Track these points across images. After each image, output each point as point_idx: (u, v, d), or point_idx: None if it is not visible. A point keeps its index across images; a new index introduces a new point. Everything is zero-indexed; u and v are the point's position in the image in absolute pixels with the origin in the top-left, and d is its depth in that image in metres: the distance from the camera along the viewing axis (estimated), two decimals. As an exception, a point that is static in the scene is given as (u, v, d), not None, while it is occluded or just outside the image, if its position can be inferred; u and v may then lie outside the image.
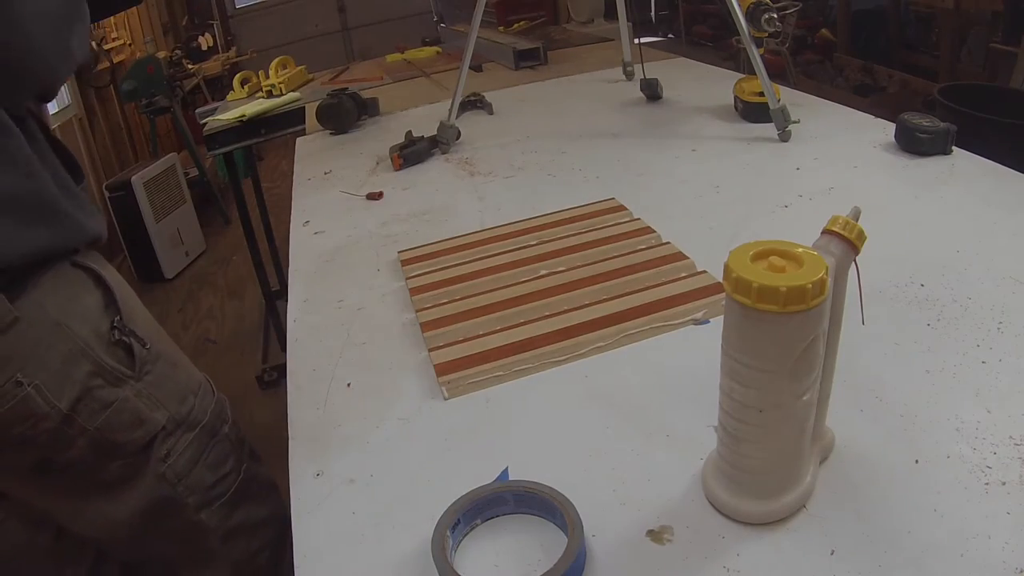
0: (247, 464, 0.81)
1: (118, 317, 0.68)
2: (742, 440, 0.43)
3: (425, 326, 0.69)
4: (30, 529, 0.77)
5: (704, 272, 0.72)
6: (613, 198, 0.92)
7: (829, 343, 0.43)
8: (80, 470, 0.68)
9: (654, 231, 0.82)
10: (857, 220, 0.42)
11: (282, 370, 1.02)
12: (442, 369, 0.62)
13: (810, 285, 0.37)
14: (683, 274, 0.72)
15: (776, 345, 0.39)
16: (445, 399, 0.60)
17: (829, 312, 0.41)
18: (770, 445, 0.43)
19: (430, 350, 0.65)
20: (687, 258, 0.75)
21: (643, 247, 0.79)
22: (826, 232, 0.42)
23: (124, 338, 0.68)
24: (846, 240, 0.41)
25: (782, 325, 0.38)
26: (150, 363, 0.71)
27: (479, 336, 0.66)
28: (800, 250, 0.40)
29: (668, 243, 0.79)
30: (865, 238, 0.42)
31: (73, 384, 0.65)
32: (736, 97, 1.19)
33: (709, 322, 0.65)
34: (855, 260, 0.42)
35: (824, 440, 0.48)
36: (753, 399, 0.41)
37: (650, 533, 0.45)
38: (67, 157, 0.71)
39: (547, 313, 0.68)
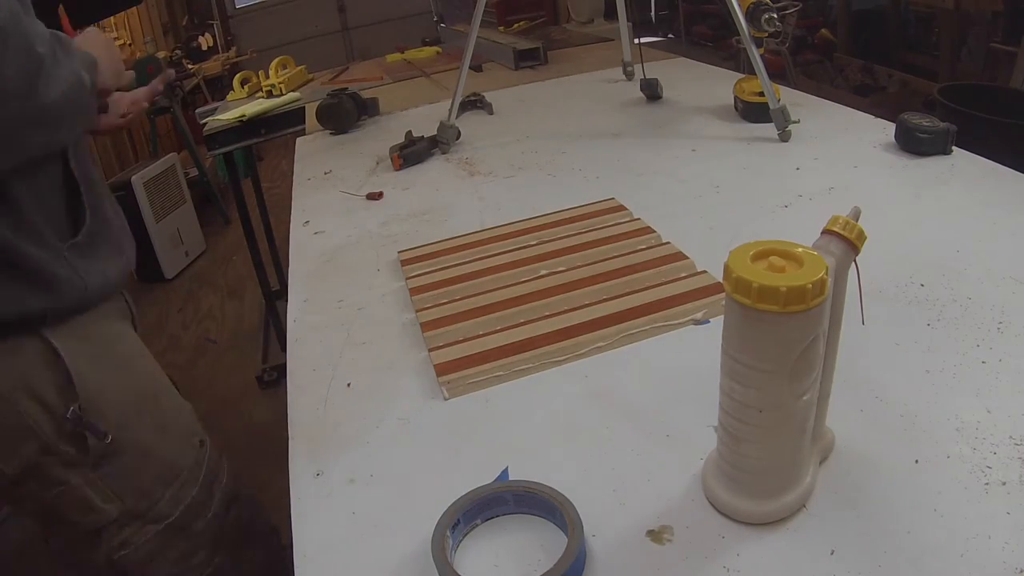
0: (220, 559, 0.75)
1: (76, 405, 0.63)
2: (742, 440, 0.43)
3: (425, 326, 0.69)
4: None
5: (704, 272, 0.72)
6: (613, 198, 0.92)
7: (829, 343, 0.43)
8: (35, 530, 0.66)
9: (654, 231, 0.82)
10: (857, 220, 0.42)
11: (282, 370, 1.02)
12: (442, 369, 0.62)
13: (810, 285, 0.37)
14: (683, 274, 0.72)
15: (776, 345, 0.39)
16: (445, 399, 0.60)
17: (829, 312, 0.41)
18: (770, 445, 0.43)
19: (430, 350, 0.65)
20: (687, 258, 0.75)
21: (643, 247, 0.79)
22: (826, 232, 0.42)
23: (78, 429, 0.63)
24: (846, 240, 0.41)
25: (782, 325, 0.38)
26: (109, 456, 0.66)
27: (479, 336, 0.66)
28: (800, 250, 0.40)
29: (668, 243, 0.79)
30: (865, 238, 0.42)
31: (20, 457, 0.64)
32: (736, 97, 1.18)
33: (709, 322, 0.65)
34: (855, 260, 0.42)
35: (824, 440, 0.48)
36: (753, 399, 0.41)
37: (650, 533, 0.45)
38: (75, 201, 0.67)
39: (547, 313, 0.68)
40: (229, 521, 0.76)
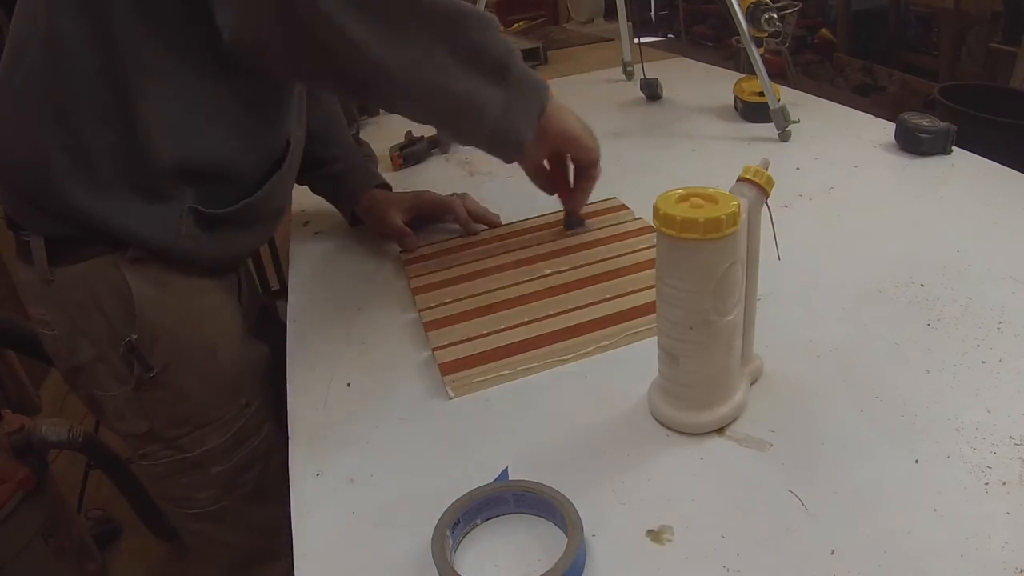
0: (227, 503, 0.78)
1: (133, 336, 0.67)
2: (678, 356, 0.50)
3: (428, 325, 0.69)
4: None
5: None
6: (615, 197, 0.92)
7: (749, 276, 0.50)
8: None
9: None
10: (767, 169, 0.50)
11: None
12: (447, 368, 0.62)
13: (724, 216, 0.44)
14: (683, 274, 0.72)
15: (700, 269, 0.46)
16: (450, 398, 0.60)
17: (745, 243, 0.48)
18: (702, 360, 0.50)
19: (434, 349, 0.65)
20: (687, 258, 0.75)
21: (645, 246, 0.79)
22: (740, 180, 0.50)
23: (129, 356, 0.68)
24: (756, 185, 0.49)
25: (703, 251, 0.45)
26: (150, 385, 0.70)
27: (482, 335, 0.66)
28: (716, 192, 0.47)
29: (668, 243, 0.79)
30: (773, 183, 0.49)
31: (79, 354, 0.69)
32: (736, 97, 1.19)
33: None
34: (767, 202, 0.49)
35: (752, 365, 0.56)
36: (684, 318, 0.48)
37: (650, 533, 0.45)
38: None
39: (550, 312, 0.68)
40: (247, 477, 0.78)
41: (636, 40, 1.44)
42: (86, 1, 0.58)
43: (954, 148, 0.93)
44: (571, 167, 0.80)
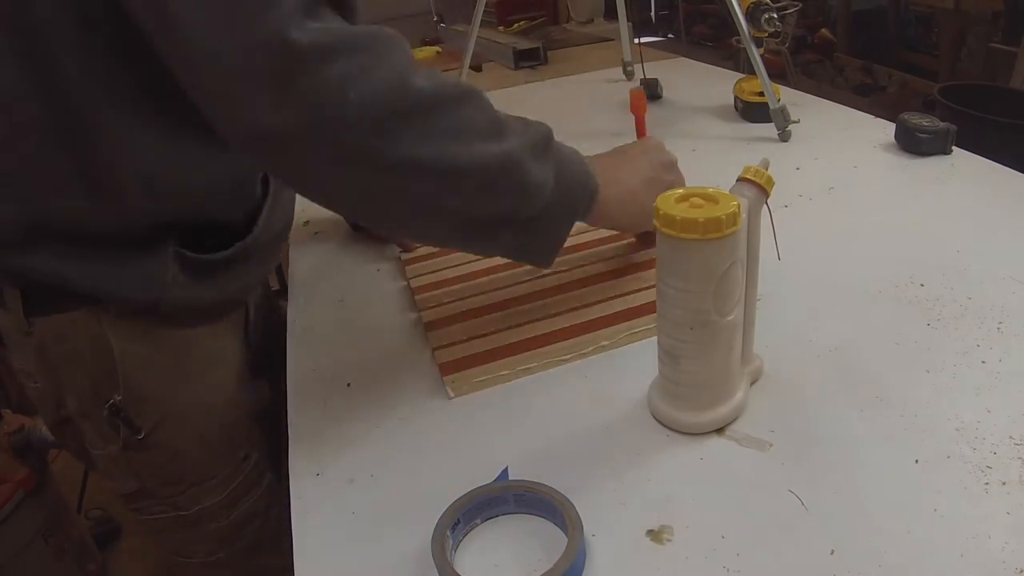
0: (225, 555, 0.75)
1: (117, 398, 0.62)
2: (679, 356, 0.50)
3: (428, 325, 0.69)
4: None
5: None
6: (613, 198, 0.92)
7: (749, 276, 0.50)
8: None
9: (654, 231, 0.82)
10: (767, 169, 0.50)
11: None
12: (447, 368, 0.62)
13: (724, 216, 0.44)
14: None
15: (700, 269, 0.46)
16: (450, 398, 0.60)
17: (745, 243, 0.48)
18: (703, 361, 0.50)
19: (434, 349, 0.65)
20: (687, 258, 0.75)
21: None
22: (740, 180, 0.50)
23: (114, 418, 0.63)
24: (756, 185, 0.49)
25: (703, 251, 0.45)
26: (136, 449, 0.65)
27: (483, 335, 0.66)
28: (716, 192, 0.47)
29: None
30: (773, 183, 0.49)
31: (63, 408, 0.65)
32: (736, 97, 1.19)
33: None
34: (767, 202, 0.50)
35: (752, 365, 0.56)
36: (684, 318, 0.48)
37: (650, 533, 0.45)
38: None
39: (550, 312, 0.68)
40: (245, 532, 0.75)
41: (636, 40, 1.44)
42: (22, 50, 0.49)
43: (954, 148, 0.93)
44: None
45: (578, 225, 0.81)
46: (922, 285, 0.66)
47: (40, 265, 0.56)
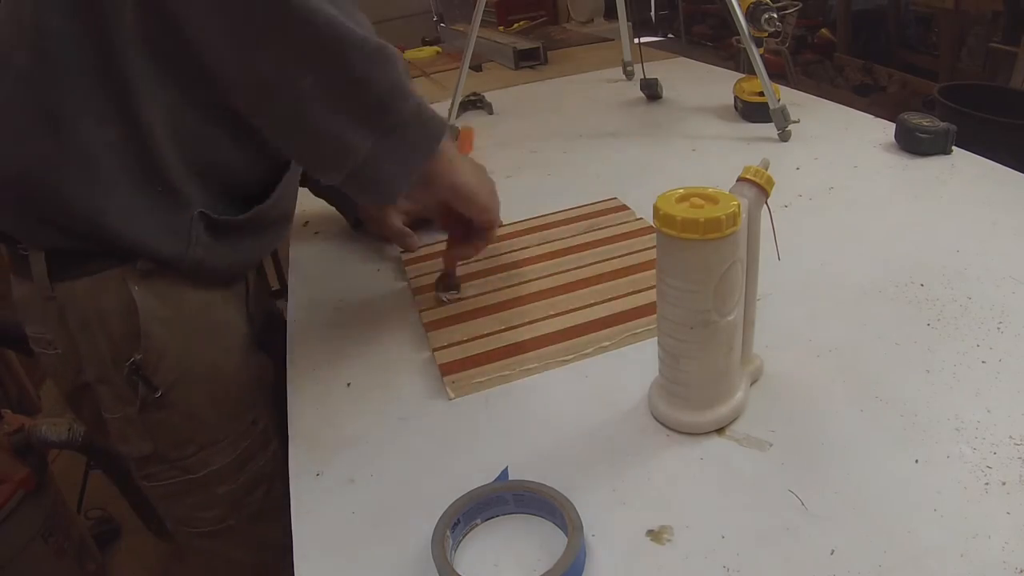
0: (233, 522, 0.76)
1: (138, 356, 0.65)
2: (679, 356, 0.50)
3: (428, 326, 0.69)
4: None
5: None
6: (615, 198, 0.92)
7: (749, 276, 0.50)
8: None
9: (654, 231, 0.82)
10: (767, 169, 0.50)
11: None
12: (447, 369, 0.62)
13: (724, 216, 0.44)
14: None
15: (700, 269, 0.46)
16: (450, 399, 0.60)
17: (745, 243, 0.48)
18: (703, 360, 0.50)
19: (434, 350, 0.65)
20: (687, 258, 0.75)
21: (646, 246, 0.79)
22: (740, 180, 0.50)
23: (133, 377, 0.66)
24: (756, 185, 0.49)
25: (703, 251, 0.45)
26: (154, 408, 0.68)
27: (483, 336, 0.66)
28: (716, 192, 0.47)
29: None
30: (773, 183, 0.49)
31: (82, 374, 0.67)
32: (736, 97, 1.19)
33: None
34: (767, 202, 0.49)
35: (752, 365, 0.56)
36: (685, 318, 0.48)
37: (650, 533, 0.45)
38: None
39: (551, 313, 0.68)
40: (253, 496, 0.77)
41: (636, 40, 1.44)
42: (78, 4, 0.55)
43: (954, 148, 0.93)
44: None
45: (578, 226, 0.81)
46: (922, 285, 0.66)
47: (82, 205, 0.59)
